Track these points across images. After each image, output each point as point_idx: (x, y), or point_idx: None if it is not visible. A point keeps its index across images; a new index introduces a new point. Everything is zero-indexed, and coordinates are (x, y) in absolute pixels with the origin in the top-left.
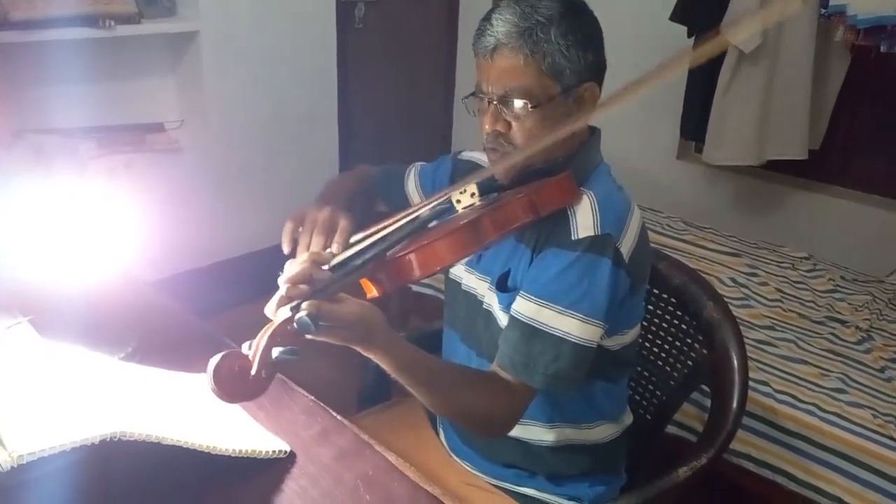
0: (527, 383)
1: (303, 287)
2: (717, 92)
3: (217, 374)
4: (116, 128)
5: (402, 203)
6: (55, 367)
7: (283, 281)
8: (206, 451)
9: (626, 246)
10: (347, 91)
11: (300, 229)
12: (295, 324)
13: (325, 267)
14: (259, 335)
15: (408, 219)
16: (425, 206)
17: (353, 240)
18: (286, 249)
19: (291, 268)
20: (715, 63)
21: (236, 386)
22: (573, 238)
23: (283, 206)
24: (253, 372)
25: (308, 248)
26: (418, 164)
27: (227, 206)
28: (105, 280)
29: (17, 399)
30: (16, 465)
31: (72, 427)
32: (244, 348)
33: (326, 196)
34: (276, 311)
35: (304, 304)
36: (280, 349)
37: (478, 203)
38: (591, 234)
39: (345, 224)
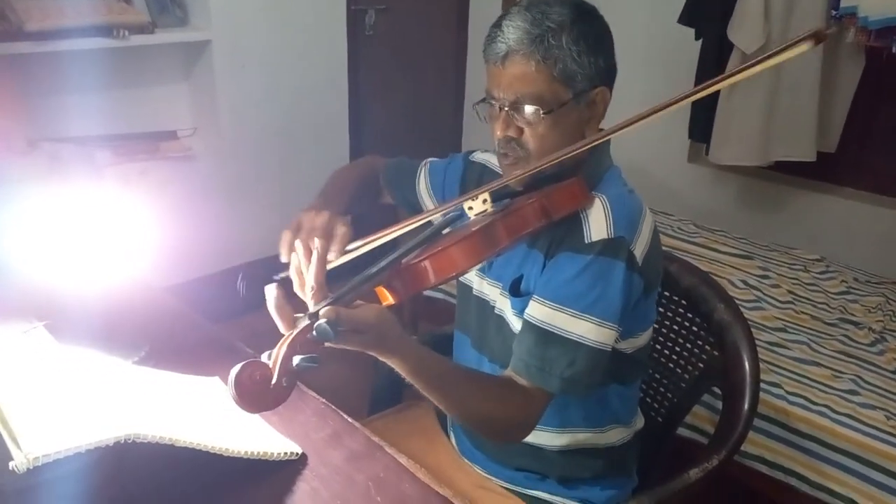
0: (543, 388)
1: (320, 295)
2: (722, 91)
3: (239, 384)
4: (130, 136)
5: (412, 200)
6: (70, 370)
7: (298, 290)
8: (219, 452)
9: (640, 248)
10: (358, 97)
11: (297, 239)
12: (314, 331)
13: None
14: (278, 344)
15: (418, 225)
16: (436, 212)
17: (354, 245)
18: (284, 259)
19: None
20: (723, 64)
21: (258, 395)
22: (586, 241)
23: (295, 211)
24: (274, 381)
25: (308, 254)
26: (429, 161)
27: (240, 212)
28: (119, 285)
29: (32, 402)
30: (31, 467)
31: (86, 429)
32: (263, 358)
33: (327, 194)
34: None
35: (321, 311)
36: (300, 357)
37: (490, 209)
38: (605, 236)
39: (342, 231)
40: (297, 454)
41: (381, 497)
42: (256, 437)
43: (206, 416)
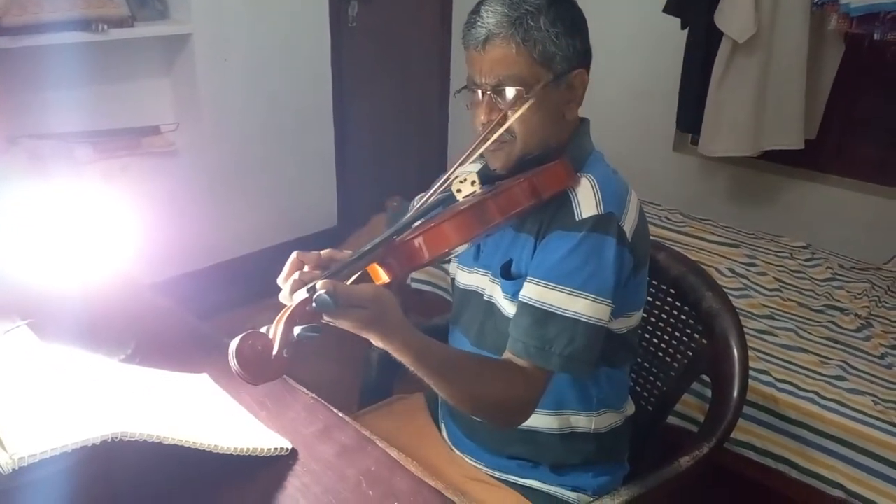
0: (543, 367)
1: (316, 271)
2: (711, 83)
3: (240, 355)
4: (112, 131)
5: None
6: (55, 369)
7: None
8: (208, 449)
9: (629, 225)
10: (342, 90)
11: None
12: (314, 303)
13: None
14: (278, 317)
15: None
16: (427, 197)
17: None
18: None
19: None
20: (710, 54)
21: (259, 365)
22: (577, 219)
23: (279, 206)
24: (275, 351)
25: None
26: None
27: (224, 207)
28: (103, 283)
29: (17, 402)
30: (16, 467)
31: (72, 428)
32: (262, 330)
33: None
34: (291, 296)
35: (319, 284)
36: (301, 327)
37: (478, 191)
38: (595, 213)
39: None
40: (287, 449)
41: (372, 491)
42: (246, 432)
43: (195, 412)
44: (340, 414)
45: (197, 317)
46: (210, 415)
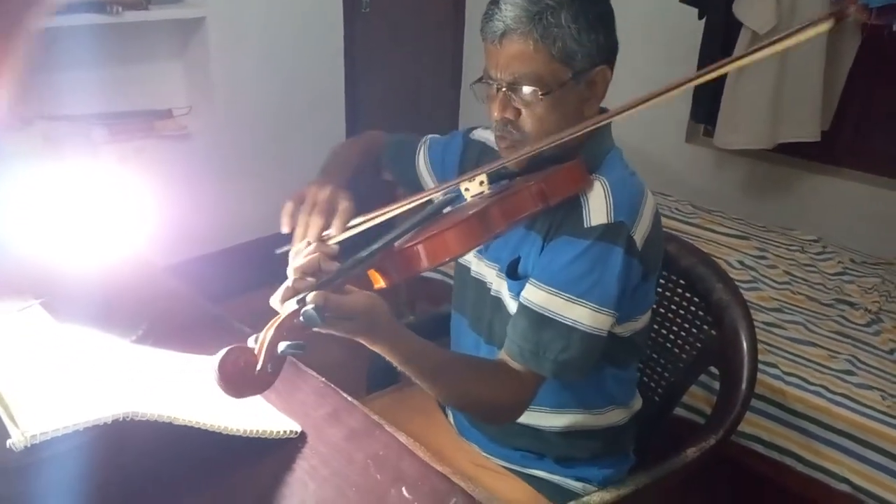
0: (535, 371)
1: (310, 280)
2: (729, 75)
3: (222, 370)
4: (125, 114)
5: (412, 178)
6: (67, 348)
7: (291, 271)
8: (218, 431)
9: (640, 233)
10: (354, 74)
11: (300, 209)
12: (301, 317)
13: (335, 240)
14: (265, 329)
15: (414, 206)
16: (433, 192)
17: (354, 222)
18: (285, 229)
19: (298, 259)
20: (727, 45)
21: (242, 381)
22: (585, 226)
23: (291, 190)
24: (259, 367)
25: (307, 228)
26: (429, 138)
27: (237, 191)
28: (116, 264)
29: (29, 380)
30: (28, 445)
31: (84, 407)
32: (250, 342)
33: (329, 170)
34: (282, 304)
35: (309, 297)
36: (286, 343)
37: (486, 191)
38: (604, 221)
39: (345, 206)
40: (297, 432)
41: (380, 475)
42: (256, 415)
43: (205, 394)
44: (349, 398)
45: (209, 299)
46: (220, 396)
